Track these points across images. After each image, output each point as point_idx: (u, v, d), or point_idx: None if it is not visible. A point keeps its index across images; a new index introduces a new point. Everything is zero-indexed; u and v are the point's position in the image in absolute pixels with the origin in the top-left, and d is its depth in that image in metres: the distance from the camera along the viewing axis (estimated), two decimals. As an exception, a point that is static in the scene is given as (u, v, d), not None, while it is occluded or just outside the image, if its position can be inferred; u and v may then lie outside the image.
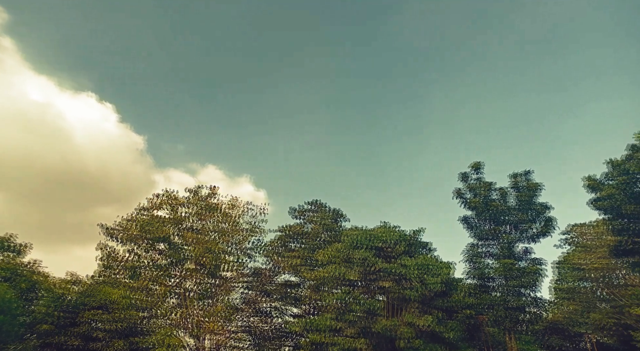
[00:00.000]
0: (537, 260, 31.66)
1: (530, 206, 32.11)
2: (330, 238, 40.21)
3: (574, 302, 45.86)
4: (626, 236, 27.21)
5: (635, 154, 25.95)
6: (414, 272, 29.18)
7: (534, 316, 32.31)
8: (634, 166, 25.47)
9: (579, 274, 44.73)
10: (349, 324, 28.88)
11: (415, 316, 28.76)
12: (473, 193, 34.20)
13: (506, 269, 30.32)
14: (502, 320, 30.02)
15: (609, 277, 43.79)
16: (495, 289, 32.08)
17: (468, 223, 34.46)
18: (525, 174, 33.42)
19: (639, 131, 26.55)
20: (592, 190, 28.13)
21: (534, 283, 30.54)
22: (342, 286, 31.76)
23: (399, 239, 31.65)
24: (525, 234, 32.08)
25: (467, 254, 33.59)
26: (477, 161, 34.93)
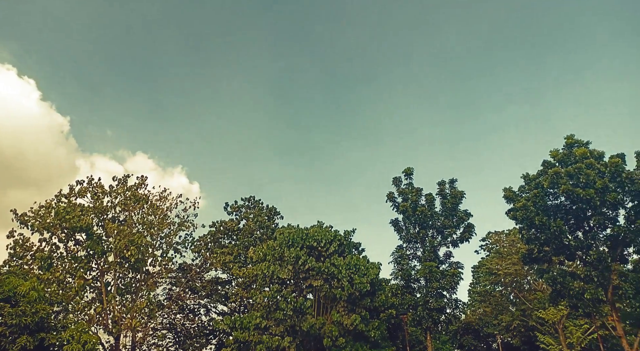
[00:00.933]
0: (457, 264, 33.69)
1: (453, 212, 34.11)
2: (264, 236, 39.95)
3: (487, 304, 49.44)
4: (535, 245, 29.81)
5: (547, 170, 28.58)
6: (343, 272, 29.83)
7: (451, 317, 34.32)
8: (546, 181, 28.04)
9: (493, 279, 48.28)
10: (277, 322, 28.87)
11: (342, 315, 29.39)
12: (403, 198, 35.68)
13: (429, 272, 31.93)
14: (423, 319, 31.56)
15: (519, 282, 47.75)
16: (418, 290, 33.68)
17: (397, 226, 35.88)
18: (451, 182, 35.47)
19: (554, 148, 29.37)
20: (509, 201, 30.53)
21: (453, 286, 32.42)
22: (273, 284, 31.65)
23: (332, 239, 32.21)
24: (448, 239, 34.02)
25: (395, 255, 34.95)
26: (409, 167, 36.52)
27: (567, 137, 29.05)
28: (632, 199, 26.19)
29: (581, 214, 27.67)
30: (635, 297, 25.55)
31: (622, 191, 26.08)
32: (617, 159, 26.35)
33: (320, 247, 31.78)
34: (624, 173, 26.05)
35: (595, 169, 26.33)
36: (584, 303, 27.22)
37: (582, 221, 28.07)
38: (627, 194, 26.19)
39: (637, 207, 26.10)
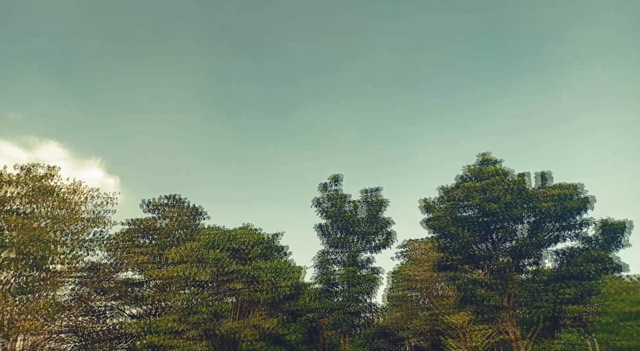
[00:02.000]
0: (376, 269, 35.02)
1: (376, 219, 35.46)
2: (185, 236, 38.45)
3: (402, 309, 51.86)
4: (448, 253, 31.94)
5: (461, 184, 30.85)
6: (267, 275, 29.67)
7: (367, 321, 35.50)
8: (460, 194, 30.24)
9: (408, 284, 50.80)
10: (193, 326, 27.89)
11: (262, 319, 29.17)
12: (330, 203, 36.41)
13: (349, 276, 32.82)
14: (341, 323, 32.30)
15: (431, 288, 50.69)
16: (338, 294, 34.45)
17: (322, 231, 36.48)
18: (375, 190, 36.88)
19: (468, 164, 31.79)
20: (426, 211, 32.45)
21: (371, 290, 33.63)
22: (191, 286, 30.57)
23: (257, 241, 31.91)
24: (369, 244, 35.26)
25: (318, 260, 35.47)
26: (336, 174, 37.38)
27: (481, 155, 31.60)
28: (532, 215, 29.09)
29: (488, 226, 30.15)
30: (529, 304, 28.28)
31: (524, 207, 28.87)
32: (522, 178, 29.18)
33: (245, 250, 31.35)
34: (526, 191, 28.90)
35: (503, 186, 28.89)
36: (486, 309, 29.62)
37: (488, 233, 30.58)
38: (528, 211, 29.02)
39: (536, 222, 29.04)
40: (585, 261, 26.81)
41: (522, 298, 28.43)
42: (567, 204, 27.30)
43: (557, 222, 28.50)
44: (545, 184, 29.39)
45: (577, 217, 28.02)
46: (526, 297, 28.23)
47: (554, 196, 27.44)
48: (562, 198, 27.35)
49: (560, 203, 27.40)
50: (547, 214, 27.87)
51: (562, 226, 28.62)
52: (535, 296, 27.88)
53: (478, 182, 29.83)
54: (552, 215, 27.96)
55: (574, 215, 28.10)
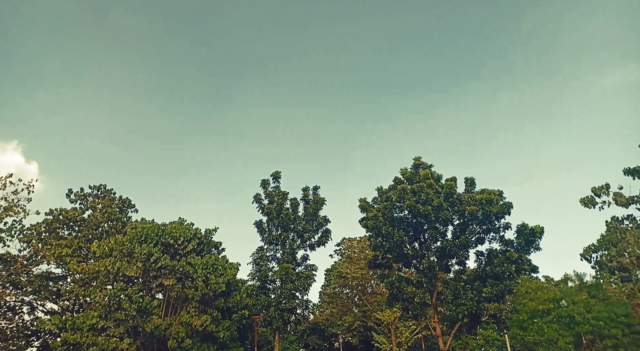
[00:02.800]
0: (312, 267, 35.36)
1: (314, 217, 35.79)
2: (112, 229, 36.43)
3: (335, 306, 52.83)
4: (380, 252, 32.91)
5: (397, 186, 31.93)
6: (199, 271, 28.87)
7: (300, 318, 35.75)
8: (394, 196, 31.28)
9: (342, 282, 51.85)
10: (117, 323, 26.50)
11: (192, 316, 28.36)
12: (270, 200, 36.19)
13: (285, 273, 32.84)
14: (274, 320, 32.24)
15: (364, 286, 52.10)
16: (273, 291, 34.36)
17: (261, 228, 36.19)
18: (314, 189, 37.20)
19: (404, 167, 32.92)
20: (363, 210, 33.25)
21: (306, 287, 33.89)
22: (117, 282, 28.99)
23: (191, 236, 30.96)
24: (307, 242, 35.51)
25: (255, 256, 35.15)
26: (277, 171, 37.27)
27: (415, 159, 32.90)
28: (459, 217, 30.78)
29: (419, 227, 31.49)
30: (452, 302, 29.91)
31: (452, 210, 30.48)
32: (451, 182, 30.78)
33: (177, 245, 30.30)
34: (455, 195, 30.54)
35: (434, 189, 30.29)
36: (414, 306, 30.91)
37: (419, 233, 31.95)
38: (455, 213, 30.67)
39: (462, 225, 30.77)
40: (505, 262, 28.83)
41: (447, 296, 30.02)
42: (490, 208, 29.19)
43: (481, 225, 30.40)
44: (472, 189, 31.25)
45: (499, 221, 30.07)
46: (450, 295, 29.82)
47: (479, 201, 29.23)
48: (486, 202, 29.20)
49: (484, 207, 29.24)
50: (473, 217, 29.64)
51: (485, 229, 30.58)
52: (458, 294, 29.53)
53: (411, 184, 31.03)
54: (476, 218, 29.77)
55: (497, 219, 30.12)
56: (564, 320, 32.43)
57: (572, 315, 31.44)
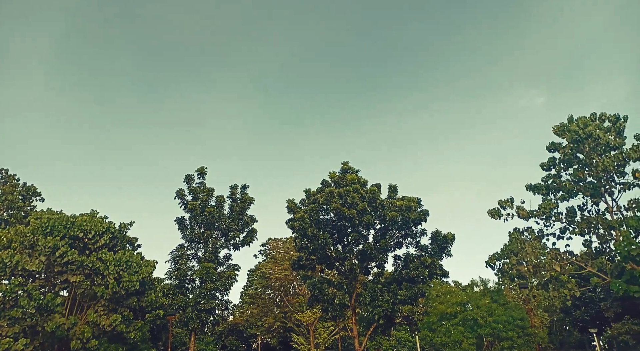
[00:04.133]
0: (234, 266, 34.77)
1: (241, 216, 35.25)
2: (13, 218, 33.04)
3: (256, 306, 52.33)
4: (305, 253, 33.25)
5: (325, 188, 32.49)
6: (111, 268, 27.11)
7: (219, 318, 34.93)
8: (322, 198, 31.80)
9: (265, 282, 51.53)
10: (12, 322, 24.03)
11: (100, 315, 26.54)
12: (193, 196, 35.01)
13: (206, 273, 31.95)
14: (190, 321, 31.21)
15: (286, 287, 52.21)
16: (192, 291, 33.25)
17: (182, 225, 34.88)
18: (243, 187, 36.65)
19: (333, 171, 33.63)
20: (290, 211, 33.37)
21: (227, 287, 33.26)
22: (15, 276, 26.26)
23: (104, 230, 28.97)
24: (231, 241, 34.84)
25: (174, 254, 33.80)
26: (203, 166, 36.21)
27: (344, 163, 33.75)
28: (381, 222, 32.05)
29: (344, 230, 32.32)
30: (370, 303, 31.01)
31: (374, 215, 31.65)
32: (375, 188, 31.98)
33: (88, 239, 28.22)
34: (378, 200, 31.75)
35: (359, 194, 31.27)
36: (334, 307, 31.59)
37: (343, 236, 32.77)
38: (377, 218, 31.90)
39: (383, 229, 32.08)
40: (419, 267, 30.49)
41: (365, 298, 31.04)
42: (409, 215, 30.76)
43: (400, 230, 31.92)
44: (394, 196, 32.71)
45: (416, 227, 31.79)
46: (368, 297, 30.88)
47: (399, 207, 30.67)
48: (405, 209, 30.71)
49: (403, 214, 30.73)
50: (393, 222, 31.03)
51: (404, 234, 32.18)
52: (376, 296, 30.68)
53: (339, 188, 31.74)
54: (396, 223, 31.21)
55: (415, 225, 31.80)
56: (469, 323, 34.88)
57: (476, 318, 33.91)
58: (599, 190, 24.63)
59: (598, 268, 25.22)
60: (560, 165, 26.24)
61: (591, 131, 23.98)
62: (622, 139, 24.33)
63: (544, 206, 26.26)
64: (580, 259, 26.42)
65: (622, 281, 22.74)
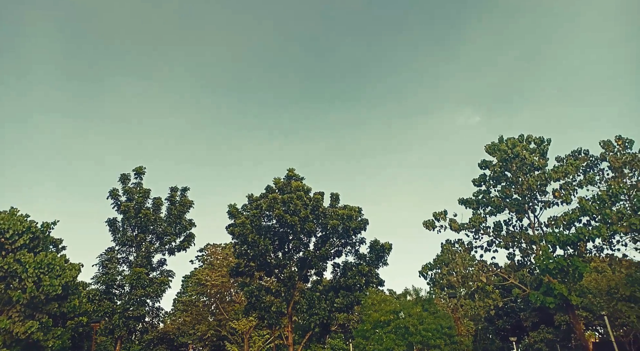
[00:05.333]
0: (168, 272, 33.37)
1: (178, 220, 34.02)
2: None
3: (189, 314, 50.49)
4: (244, 260, 32.69)
5: (269, 194, 32.27)
6: (30, 270, 25.02)
7: (148, 326, 33.28)
8: (265, 204, 31.55)
9: (201, 289, 49.92)
10: None
11: (14, 321, 24.34)
12: (128, 197, 33.31)
13: (136, 278, 30.40)
14: (117, 328, 29.46)
15: (223, 294, 50.94)
16: (120, 297, 31.46)
17: (114, 227, 33.01)
18: (183, 190, 35.43)
19: (277, 177, 33.51)
20: (231, 217, 32.74)
21: (159, 294, 31.78)
22: None
23: (24, 230, 26.71)
24: (166, 246, 33.44)
25: (103, 258, 31.86)
26: (140, 166, 34.57)
27: (289, 170, 33.77)
28: (322, 230, 32.35)
29: (285, 237, 32.22)
30: (307, 311, 31.05)
31: (316, 222, 31.90)
32: (319, 196, 32.27)
33: (5, 238, 25.88)
34: (321, 208, 32.06)
35: (303, 201, 31.40)
36: (270, 315, 31.26)
37: (284, 243, 32.66)
38: (319, 226, 32.18)
39: (324, 237, 32.40)
40: (357, 275, 31.08)
41: (302, 306, 31.05)
42: (350, 223, 31.35)
43: (340, 238, 32.42)
44: (336, 204, 33.23)
45: (356, 236, 32.46)
46: (306, 305, 30.92)
47: (341, 216, 31.19)
48: (347, 217, 31.29)
49: (344, 222, 31.28)
50: (334, 230, 31.46)
51: (344, 243, 32.71)
52: (313, 304, 30.79)
53: (283, 194, 31.69)
54: (337, 232, 31.68)
55: (355, 233, 32.45)
56: (401, 331, 36.06)
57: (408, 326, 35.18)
58: (523, 207, 26.62)
59: (519, 279, 27.15)
60: (490, 182, 28.08)
61: (518, 151, 25.97)
62: (545, 161, 26.57)
63: (474, 219, 27.91)
64: (504, 271, 28.29)
65: (540, 293, 24.60)
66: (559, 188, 25.91)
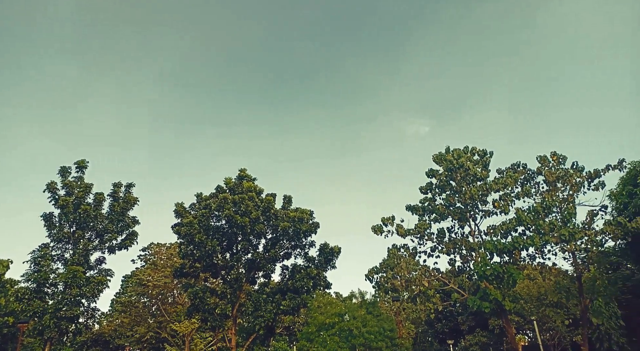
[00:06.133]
0: (107, 271, 31.82)
1: (121, 217, 32.58)
2: None
3: (127, 315, 48.35)
4: (190, 260, 31.87)
5: (219, 194, 31.71)
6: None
7: (82, 327, 31.56)
8: (214, 204, 30.96)
9: (142, 290, 47.99)
10: None
11: None
12: (67, 191, 31.48)
13: (72, 276, 28.75)
14: (47, 329, 27.67)
15: (165, 295, 49.27)
16: (53, 296, 29.59)
17: (50, 222, 31.03)
18: (128, 186, 33.99)
19: (229, 177, 32.99)
20: (178, 216, 31.84)
21: (95, 294, 30.22)
22: None
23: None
24: (106, 244, 31.90)
25: (35, 254, 29.84)
26: (83, 159, 32.83)
27: (241, 170, 33.38)
28: (272, 232, 32.25)
29: (234, 238, 31.79)
30: (252, 313, 30.74)
31: (267, 224, 31.75)
32: (270, 198, 32.16)
33: None
34: (272, 209, 31.96)
35: (254, 202, 31.15)
36: (214, 317, 30.65)
37: (233, 244, 32.20)
38: (270, 227, 32.06)
39: (274, 239, 32.30)
40: (305, 277, 31.23)
41: (248, 308, 30.71)
42: (301, 226, 31.49)
43: (290, 241, 32.47)
44: (288, 206, 33.26)
45: (306, 238, 32.64)
46: (251, 307, 30.62)
47: (292, 218, 31.27)
48: (298, 220, 31.40)
49: (295, 225, 31.38)
50: (284, 232, 31.47)
51: (294, 245, 32.80)
52: (259, 306, 30.55)
53: (234, 195, 31.26)
54: (288, 234, 31.71)
55: (305, 236, 32.62)
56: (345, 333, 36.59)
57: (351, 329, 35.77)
58: (465, 215, 27.97)
59: (459, 285, 28.42)
60: (436, 190, 29.26)
61: (463, 162, 27.31)
62: (487, 172, 28.12)
63: (420, 226, 28.94)
64: (445, 276, 29.51)
65: (477, 298, 25.90)
66: (499, 198, 27.50)
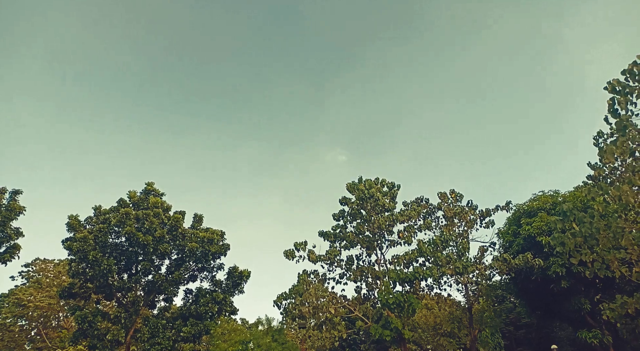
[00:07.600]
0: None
1: (2, 227, 28.78)
2: None
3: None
4: (80, 280, 28.85)
5: (121, 209, 29.36)
6: None
7: None
8: (115, 219, 28.56)
9: (20, 311, 42.47)
10: None
11: None
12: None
13: None
14: None
15: (49, 317, 44.05)
16: None
17: None
18: (13, 192, 30.27)
19: (133, 190, 30.80)
20: (71, 230, 28.89)
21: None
22: None
23: None
24: (-23, 258, 27.86)
25: None
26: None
27: (148, 184, 31.43)
28: (178, 252, 30.53)
29: (134, 257, 29.50)
30: (148, 341, 28.45)
31: (173, 244, 30.02)
32: (179, 216, 30.53)
33: None
34: (180, 228, 30.34)
35: (160, 219, 29.37)
36: (104, 344, 27.85)
37: (132, 264, 29.86)
38: (176, 247, 30.32)
39: (180, 260, 30.56)
40: (210, 302, 29.78)
41: (144, 334, 28.41)
42: (210, 247, 30.23)
43: (197, 262, 30.94)
44: (198, 226, 31.86)
45: (215, 261, 31.36)
46: (148, 333, 28.37)
47: (202, 238, 29.96)
48: (207, 241, 30.15)
49: (204, 246, 30.07)
50: (192, 253, 29.93)
51: (201, 267, 31.29)
52: (157, 332, 28.41)
53: (137, 210, 29.27)
54: (195, 255, 30.20)
55: (214, 258, 31.32)
56: (248, 362, 35.48)
57: (256, 357, 34.79)
58: (373, 244, 28.98)
59: (363, 312, 29.04)
60: (347, 217, 30.06)
61: (373, 192, 28.49)
62: (394, 204, 29.61)
63: (330, 252, 29.37)
64: (351, 304, 30.03)
65: (379, 326, 26.63)
66: (403, 229, 29.00)
